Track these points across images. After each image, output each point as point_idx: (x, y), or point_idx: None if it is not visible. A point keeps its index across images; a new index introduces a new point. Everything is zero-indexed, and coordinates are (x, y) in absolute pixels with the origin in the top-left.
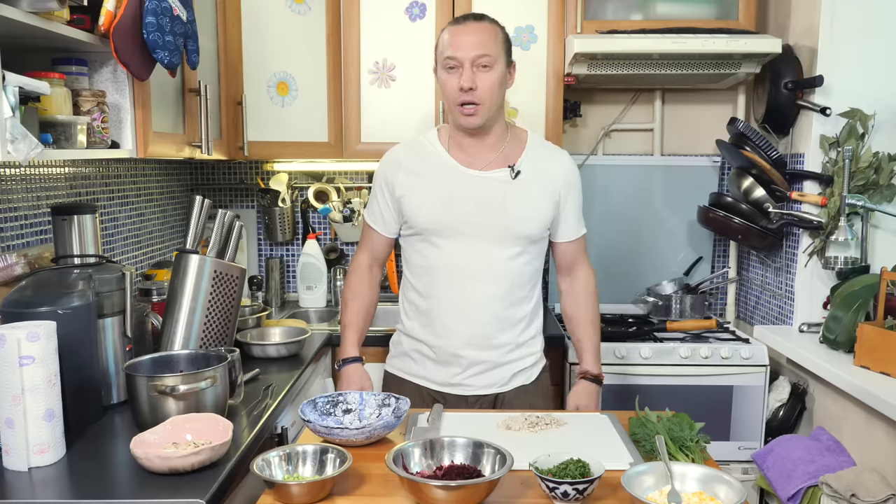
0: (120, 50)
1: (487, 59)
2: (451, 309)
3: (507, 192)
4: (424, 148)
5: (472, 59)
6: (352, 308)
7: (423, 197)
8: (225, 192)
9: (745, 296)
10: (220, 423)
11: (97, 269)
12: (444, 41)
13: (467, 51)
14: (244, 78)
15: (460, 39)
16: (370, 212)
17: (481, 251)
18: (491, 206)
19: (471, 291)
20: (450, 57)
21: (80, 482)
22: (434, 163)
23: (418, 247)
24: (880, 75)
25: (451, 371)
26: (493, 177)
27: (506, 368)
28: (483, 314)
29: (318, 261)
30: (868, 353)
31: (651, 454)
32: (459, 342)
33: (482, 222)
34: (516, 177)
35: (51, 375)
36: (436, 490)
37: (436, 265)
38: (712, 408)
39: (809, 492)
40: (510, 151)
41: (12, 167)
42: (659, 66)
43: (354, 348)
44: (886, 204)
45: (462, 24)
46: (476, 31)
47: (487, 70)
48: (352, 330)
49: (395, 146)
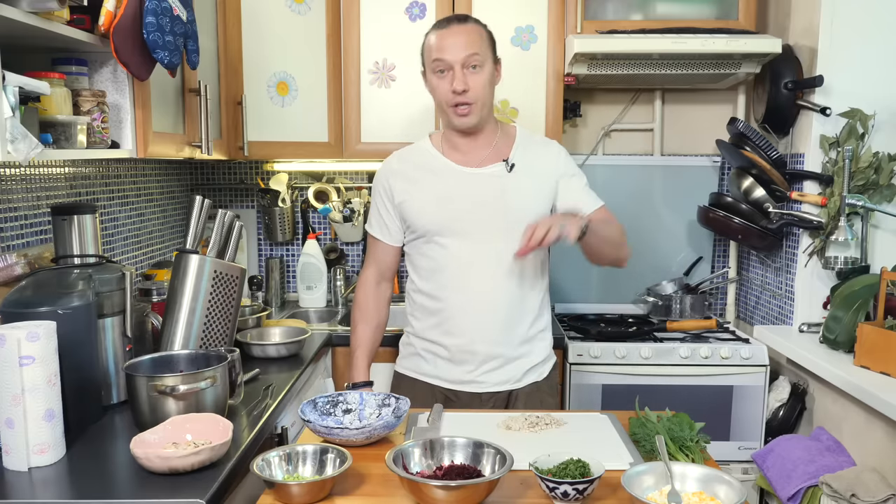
0: (120, 50)
1: (477, 58)
2: (460, 306)
3: (504, 185)
4: (418, 153)
5: (462, 61)
6: (361, 331)
7: (422, 199)
8: (225, 192)
9: (745, 296)
10: (220, 423)
11: (97, 269)
12: (431, 45)
13: (456, 53)
14: (244, 78)
15: (447, 42)
16: (373, 224)
17: (485, 246)
18: (490, 202)
19: (479, 287)
20: (439, 59)
21: (80, 482)
22: (430, 166)
23: (423, 249)
24: (880, 75)
25: (464, 368)
26: (488, 172)
27: (518, 364)
28: (493, 309)
29: (318, 261)
30: (868, 353)
31: (651, 454)
32: (471, 338)
33: (483, 218)
34: (511, 169)
35: (51, 375)
36: (436, 490)
37: (442, 265)
38: (712, 408)
39: (809, 492)
40: (502, 146)
41: (12, 167)
42: (659, 66)
43: (365, 372)
44: (886, 204)
45: (447, 27)
46: (462, 33)
47: (478, 70)
48: (362, 353)
49: (388, 157)
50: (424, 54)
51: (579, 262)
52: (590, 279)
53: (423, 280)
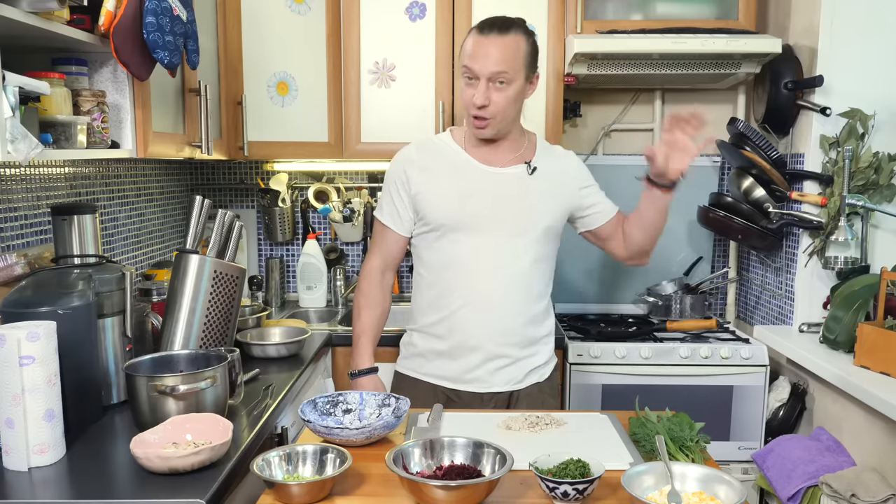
0: (120, 50)
1: (505, 76)
2: (469, 304)
3: (526, 186)
4: (438, 146)
5: (489, 76)
6: (366, 316)
7: (440, 193)
8: (225, 192)
9: (745, 296)
10: (220, 423)
11: (97, 269)
12: (467, 48)
13: (485, 66)
14: (244, 78)
15: (481, 51)
16: (384, 212)
17: (499, 246)
18: (511, 201)
19: (489, 286)
20: (468, 67)
21: (80, 482)
22: (450, 160)
23: (434, 244)
24: (880, 75)
25: (467, 367)
26: (510, 173)
27: (521, 365)
28: (501, 309)
29: (318, 261)
30: (868, 353)
31: (651, 454)
32: (478, 337)
33: (501, 217)
34: (533, 172)
35: (51, 375)
36: (436, 490)
37: (453, 261)
38: (712, 408)
39: (809, 492)
40: (524, 151)
41: (12, 167)
42: (659, 66)
43: (369, 359)
44: (886, 204)
45: (487, 34)
46: (498, 46)
47: (504, 87)
48: (366, 339)
49: (406, 146)
50: (462, 51)
51: (579, 263)
52: (590, 279)
53: (431, 274)
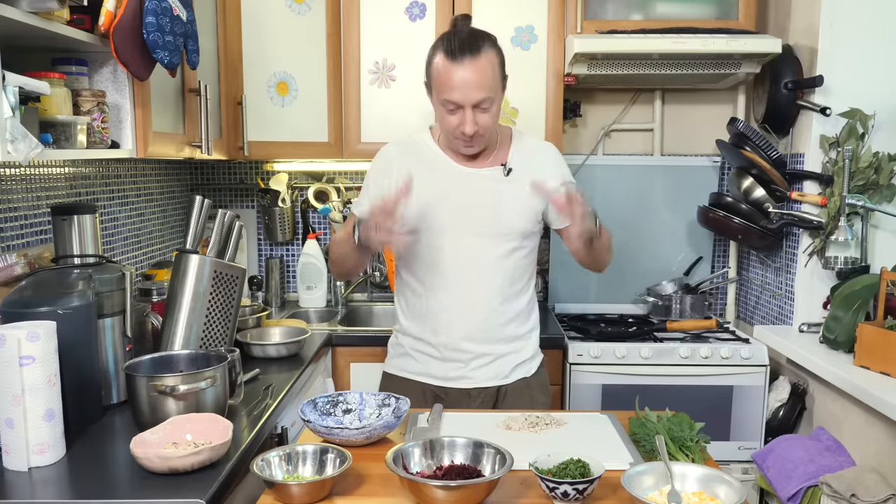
0: (120, 50)
1: (489, 100)
2: (450, 304)
3: (500, 189)
4: (417, 146)
5: (474, 104)
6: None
7: (417, 193)
8: (225, 192)
9: (745, 296)
10: (220, 423)
11: (97, 269)
12: (441, 77)
13: (467, 96)
14: (244, 78)
15: (458, 80)
16: (362, 205)
17: (477, 246)
18: (484, 203)
19: (469, 286)
20: (448, 100)
21: (80, 482)
22: (427, 160)
23: (413, 244)
24: (880, 75)
25: (453, 366)
26: (485, 174)
27: (506, 361)
28: (482, 308)
29: (318, 261)
30: (868, 353)
31: (651, 454)
32: (460, 337)
33: (476, 218)
34: (508, 174)
35: (51, 375)
36: (436, 490)
37: (432, 262)
38: (712, 408)
39: (809, 492)
40: (500, 149)
41: (12, 167)
42: (659, 66)
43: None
44: (886, 204)
45: (458, 61)
46: (475, 70)
47: (488, 108)
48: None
49: (386, 146)
50: (432, 77)
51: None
52: (590, 279)
53: (412, 276)
